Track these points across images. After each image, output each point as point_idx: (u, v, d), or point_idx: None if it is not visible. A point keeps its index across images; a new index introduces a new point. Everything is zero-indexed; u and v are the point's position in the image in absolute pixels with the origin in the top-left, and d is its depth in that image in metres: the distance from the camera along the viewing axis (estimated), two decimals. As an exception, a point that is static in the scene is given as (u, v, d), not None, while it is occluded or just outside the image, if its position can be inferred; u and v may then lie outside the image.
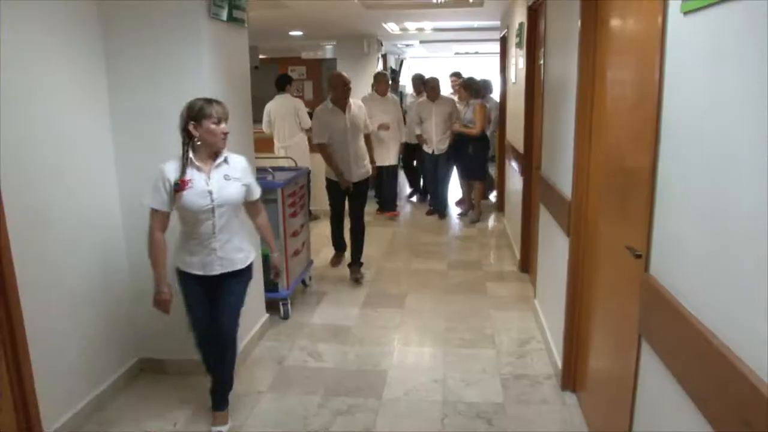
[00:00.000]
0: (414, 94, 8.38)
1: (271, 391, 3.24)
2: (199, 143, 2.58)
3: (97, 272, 3.05)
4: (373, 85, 7.19)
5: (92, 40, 3.00)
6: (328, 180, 4.92)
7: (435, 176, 7.17)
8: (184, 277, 2.74)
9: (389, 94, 7.17)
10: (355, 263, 5.09)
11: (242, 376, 3.38)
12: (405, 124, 7.40)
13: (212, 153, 2.63)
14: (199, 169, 2.60)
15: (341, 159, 4.78)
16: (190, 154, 2.58)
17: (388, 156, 7.14)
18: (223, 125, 2.59)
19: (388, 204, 7.37)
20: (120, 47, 3.08)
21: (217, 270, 2.70)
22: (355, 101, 4.93)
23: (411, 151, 7.75)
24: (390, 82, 7.26)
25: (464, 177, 7.12)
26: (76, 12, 2.88)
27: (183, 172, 2.55)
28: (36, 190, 2.60)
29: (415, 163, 8.05)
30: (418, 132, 7.04)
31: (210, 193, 2.59)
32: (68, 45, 2.83)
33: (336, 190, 4.88)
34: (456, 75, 8.21)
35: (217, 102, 2.60)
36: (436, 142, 6.90)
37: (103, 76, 3.10)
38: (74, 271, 2.87)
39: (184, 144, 2.59)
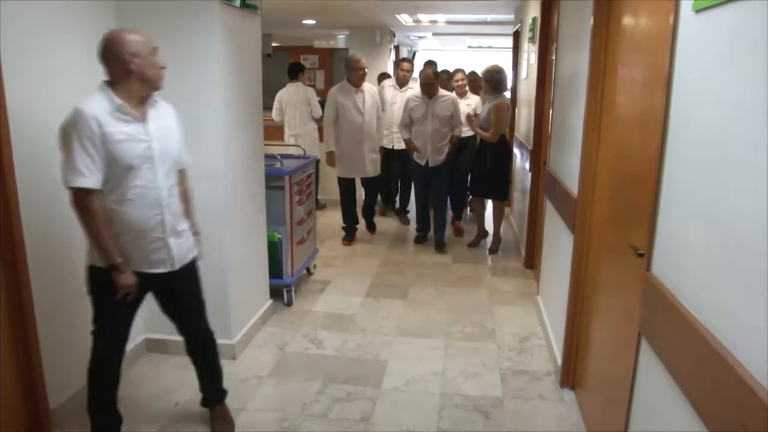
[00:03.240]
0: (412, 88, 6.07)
1: (272, 376, 3.27)
2: None
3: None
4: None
5: (104, 21, 3.01)
6: (96, 269, 2.32)
7: (426, 194, 5.69)
8: None
9: (366, 84, 5.55)
10: (221, 402, 2.84)
11: (244, 360, 3.41)
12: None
13: None
14: None
15: (137, 225, 2.29)
16: None
17: (364, 166, 5.62)
18: None
19: (348, 232, 5.84)
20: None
21: None
22: (165, 107, 2.42)
23: (387, 158, 6.13)
24: (365, 69, 5.49)
25: (481, 194, 5.61)
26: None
27: None
28: (46, 167, 2.61)
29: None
30: (406, 136, 5.46)
31: None
32: (80, 25, 2.83)
33: (113, 294, 2.31)
34: (462, 72, 6.41)
35: None
36: (430, 152, 5.38)
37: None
38: (82, 248, 2.89)
39: None
